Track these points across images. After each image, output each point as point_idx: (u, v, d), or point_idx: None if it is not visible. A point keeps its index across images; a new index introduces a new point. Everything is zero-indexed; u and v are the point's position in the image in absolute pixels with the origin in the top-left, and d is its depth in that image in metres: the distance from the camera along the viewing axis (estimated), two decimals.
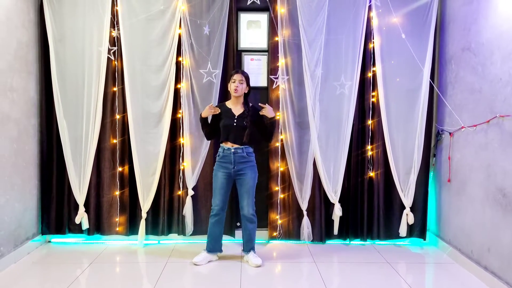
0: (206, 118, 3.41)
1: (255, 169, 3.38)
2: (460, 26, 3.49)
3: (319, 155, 3.75)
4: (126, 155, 3.78)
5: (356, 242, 3.92)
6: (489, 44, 3.07)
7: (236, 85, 3.31)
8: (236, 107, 3.38)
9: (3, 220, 3.18)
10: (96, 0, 3.62)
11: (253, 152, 3.39)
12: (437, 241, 3.83)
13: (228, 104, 3.42)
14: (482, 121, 3.13)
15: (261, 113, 3.31)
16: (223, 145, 3.36)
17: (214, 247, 3.42)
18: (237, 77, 3.32)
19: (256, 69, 3.91)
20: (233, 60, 3.79)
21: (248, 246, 3.41)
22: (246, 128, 3.29)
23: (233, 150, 3.29)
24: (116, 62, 3.73)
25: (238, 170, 3.31)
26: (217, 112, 3.37)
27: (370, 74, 3.79)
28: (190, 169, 3.76)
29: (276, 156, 3.85)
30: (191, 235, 3.81)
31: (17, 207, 3.38)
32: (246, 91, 3.39)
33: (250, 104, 3.41)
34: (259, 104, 3.40)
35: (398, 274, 3.20)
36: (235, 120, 3.32)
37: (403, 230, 3.80)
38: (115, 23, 3.68)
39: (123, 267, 3.33)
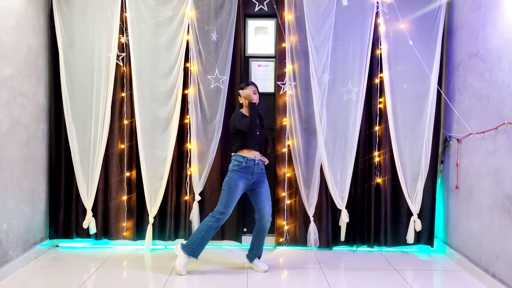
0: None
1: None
2: (468, 32, 3.49)
3: (326, 161, 3.75)
4: (133, 160, 3.80)
5: (363, 248, 3.90)
6: (497, 50, 3.06)
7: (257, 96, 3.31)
8: None
9: (12, 224, 3.20)
10: (105, 6, 3.66)
11: None
12: (445, 248, 3.80)
13: (245, 113, 3.34)
14: (490, 128, 3.12)
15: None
16: (245, 154, 3.24)
17: (198, 251, 3.27)
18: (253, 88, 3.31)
19: (263, 75, 3.93)
20: (240, 66, 3.81)
21: (258, 254, 3.36)
22: (266, 138, 3.37)
23: (256, 161, 3.26)
24: (124, 68, 3.76)
25: (256, 181, 3.28)
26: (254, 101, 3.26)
27: (377, 80, 3.79)
28: (197, 175, 3.78)
29: (283, 162, 3.85)
30: None
31: (26, 211, 3.40)
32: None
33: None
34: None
35: (406, 281, 3.19)
36: (258, 130, 3.28)
37: (410, 237, 3.78)
38: (124, 29, 3.72)
39: (130, 272, 3.35)
